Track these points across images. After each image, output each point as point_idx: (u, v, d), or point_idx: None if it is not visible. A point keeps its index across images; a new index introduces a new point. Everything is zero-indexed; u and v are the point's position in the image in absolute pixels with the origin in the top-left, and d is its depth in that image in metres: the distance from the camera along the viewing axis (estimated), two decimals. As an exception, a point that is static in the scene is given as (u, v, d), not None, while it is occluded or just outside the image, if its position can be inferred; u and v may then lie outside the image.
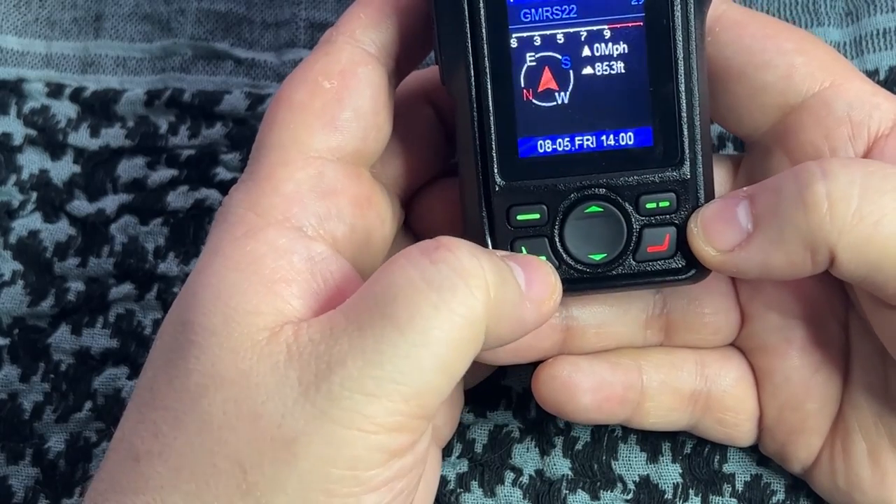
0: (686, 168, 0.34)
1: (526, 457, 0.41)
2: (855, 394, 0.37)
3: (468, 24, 0.33)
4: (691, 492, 0.40)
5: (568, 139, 0.34)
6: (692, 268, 0.34)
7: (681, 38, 0.33)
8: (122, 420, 0.32)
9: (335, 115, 0.34)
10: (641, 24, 0.33)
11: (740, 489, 0.40)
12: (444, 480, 0.41)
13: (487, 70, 0.33)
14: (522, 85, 0.34)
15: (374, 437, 0.29)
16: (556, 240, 0.34)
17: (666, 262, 0.34)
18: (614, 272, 0.34)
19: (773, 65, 0.35)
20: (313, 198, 0.33)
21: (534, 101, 0.34)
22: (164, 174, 0.45)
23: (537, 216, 0.34)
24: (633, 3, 0.33)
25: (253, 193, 0.33)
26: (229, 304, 0.31)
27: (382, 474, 0.30)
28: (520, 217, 0.34)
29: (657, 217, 0.34)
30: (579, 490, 0.40)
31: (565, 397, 0.37)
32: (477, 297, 0.30)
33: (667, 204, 0.34)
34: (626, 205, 0.34)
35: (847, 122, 0.35)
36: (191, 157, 0.45)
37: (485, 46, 0.33)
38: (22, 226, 0.45)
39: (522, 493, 0.40)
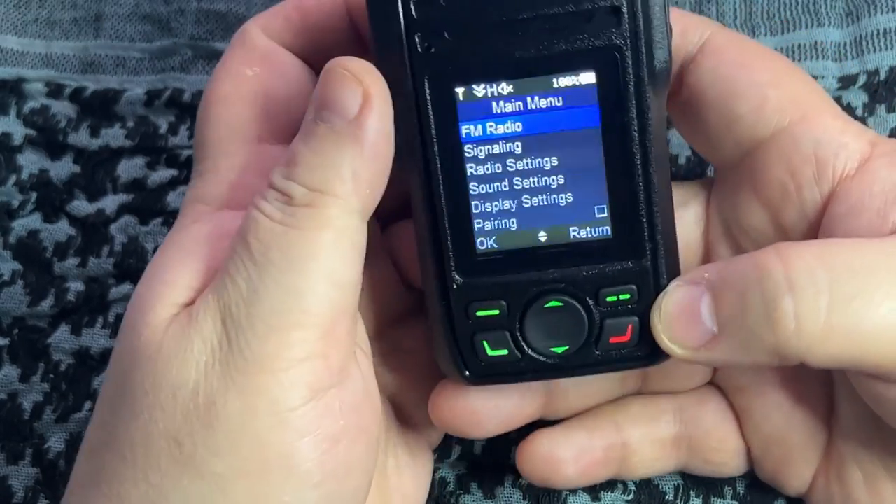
0: (647, 260, 0.33)
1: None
2: (843, 424, 0.36)
3: (418, 124, 0.32)
4: (692, 493, 0.40)
5: (525, 234, 0.33)
6: (654, 353, 0.34)
7: (636, 131, 0.32)
8: None
9: (262, 101, 0.34)
10: (597, 119, 0.32)
11: (742, 492, 0.40)
12: (443, 482, 0.41)
13: (439, 171, 0.33)
14: (477, 183, 0.33)
15: (286, 375, 0.30)
16: (518, 333, 0.34)
17: (629, 351, 0.34)
18: (577, 363, 0.34)
19: (745, 96, 0.34)
20: (257, 179, 0.33)
21: (488, 198, 0.33)
22: (163, 174, 0.45)
23: (496, 312, 0.33)
24: (586, 98, 0.32)
25: (200, 188, 0.34)
26: (152, 281, 0.32)
27: (309, 413, 0.30)
28: (479, 313, 0.33)
29: (619, 308, 0.33)
30: (580, 491, 0.40)
31: (549, 471, 0.37)
32: (316, 206, 0.30)
33: (627, 297, 0.33)
34: (587, 298, 0.33)
35: (813, 160, 0.34)
36: (191, 157, 0.45)
37: (435, 146, 0.32)
38: (22, 226, 0.45)
39: (522, 494, 0.40)
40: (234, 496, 0.30)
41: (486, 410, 0.36)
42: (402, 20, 0.32)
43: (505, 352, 0.34)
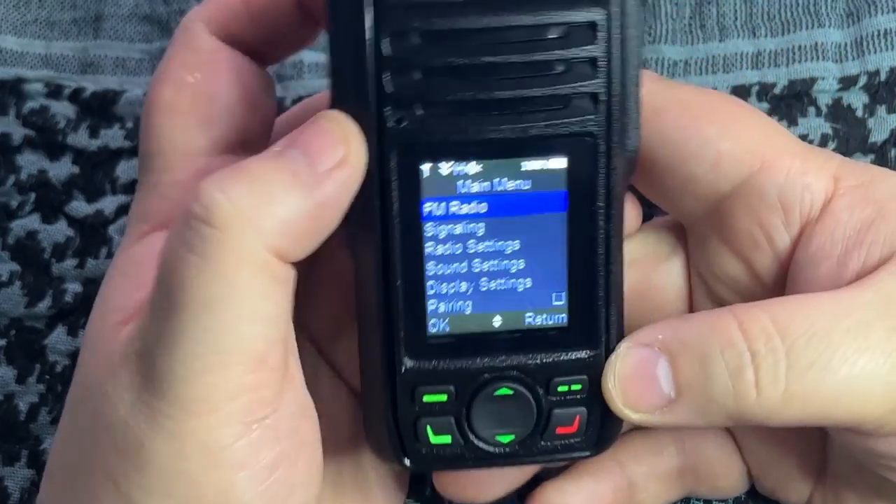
0: (601, 351, 0.32)
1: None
2: (835, 445, 0.36)
3: (380, 196, 0.31)
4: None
5: (480, 319, 0.32)
6: (598, 443, 0.33)
7: (602, 220, 0.31)
8: None
9: (205, 110, 0.32)
10: (564, 205, 0.31)
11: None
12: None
13: (397, 248, 0.31)
14: (434, 263, 0.32)
15: (214, 416, 0.28)
16: (464, 420, 0.32)
17: (575, 442, 0.33)
18: (521, 452, 0.33)
19: (698, 156, 0.34)
20: None
21: (445, 279, 0.32)
22: (162, 175, 0.45)
23: (444, 398, 0.32)
24: (555, 183, 0.31)
25: (143, 203, 0.33)
26: (98, 306, 0.31)
27: (243, 448, 0.29)
28: (426, 398, 0.32)
29: (568, 398, 0.32)
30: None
31: None
32: (235, 235, 0.28)
33: (579, 387, 0.32)
34: (538, 387, 0.32)
35: (778, 207, 0.34)
36: (190, 159, 0.45)
37: (395, 222, 0.31)
38: (20, 226, 0.45)
39: (517, 495, 0.40)
40: None
41: (491, 473, 0.35)
42: (373, 88, 0.30)
43: (448, 439, 0.32)
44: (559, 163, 0.31)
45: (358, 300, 0.33)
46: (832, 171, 0.34)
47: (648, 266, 0.36)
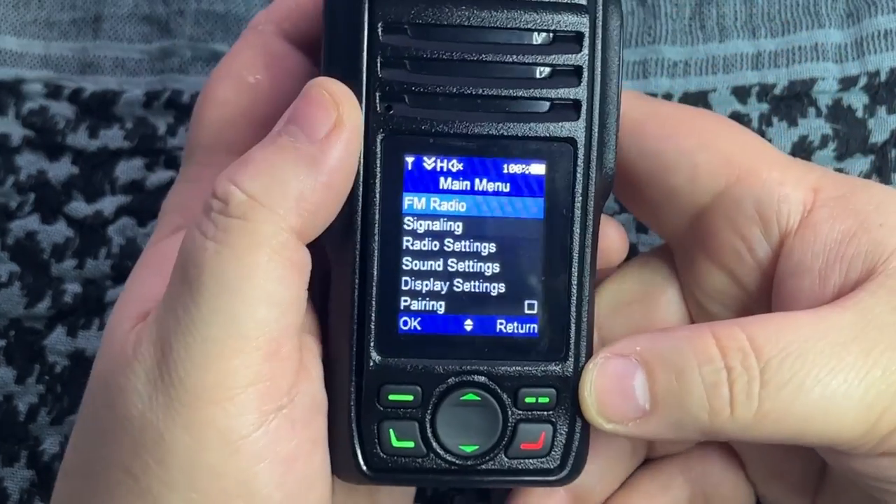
0: (570, 365, 0.32)
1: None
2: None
3: (363, 184, 0.31)
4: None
5: (451, 320, 0.32)
6: (564, 469, 0.33)
7: (578, 231, 0.32)
8: None
9: (262, 111, 0.33)
10: (541, 211, 0.32)
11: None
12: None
13: (375, 239, 0.31)
14: (410, 258, 0.32)
15: (232, 403, 0.29)
16: (428, 425, 0.32)
17: (538, 462, 0.33)
18: (483, 467, 0.32)
19: (676, 168, 0.34)
20: None
21: (420, 276, 0.32)
22: (162, 176, 0.45)
23: (410, 398, 0.32)
24: (534, 188, 0.32)
25: (181, 195, 0.33)
26: (123, 296, 0.31)
27: (262, 439, 0.29)
28: (391, 397, 0.32)
29: (534, 413, 0.32)
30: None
31: None
32: (252, 221, 0.29)
33: (546, 400, 0.32)
34: (505, 396, 0.32)
35: (757, 218, 0.34)
36: (189, 159, 0.45)
37: (375, 211, 0.31)
38: (19, 227, 0.45)
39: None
40: None
41: None
42: (365, 75, 0.31)
43: (411, 444, 0.32)
44: (539, 168, 0.32)
45: (332, 291, 0.33)
46: (811, 183, 0.34)
47: (650, 303, 0.36)
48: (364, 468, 0.32)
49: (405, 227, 0.32)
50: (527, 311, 0.32)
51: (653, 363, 0.31)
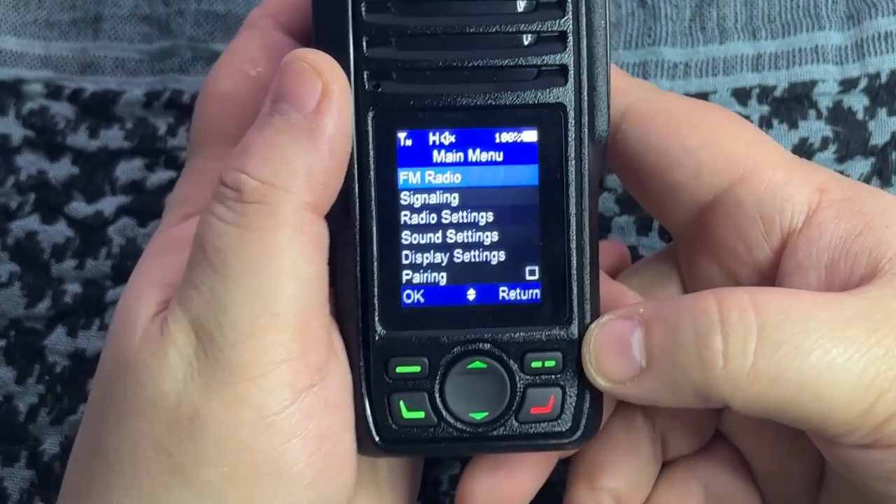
0: (574, 327, 0.32)
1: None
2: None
3: (357, 162, 0.32)
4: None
5: (454, 291, 0.32)
6: (577, 431, 0.33)
7: (574, 195, 0.32)
8: None
9: (263, 104, 0.33)
10: (536, 178, 0.32)
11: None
12: (437, 481, 0.41)
13: (373, 215, 0.32)
14: (409, 232, 0.32)
15: (266, 379, 0.29)
16: (437, 395, 0.32)
17: (549, 425, 0.33)
18: (495, 433, 0.33)
19: (680, 164, 0.34)
20: None
21: (420, 249, 0.32)
22: (162, 176, 0.45)
23: (417, 369, 0.32)
24: (527, 155, 0.32)
25: (188, 187, 0.34)
26: (135, 284, 0.31)
27: (294, 415, 0.30)
28: (399, 369, 0.32)
29: (542, 377, 0.32)
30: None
31: None
32: (269, 204, 0.30)
33: (552, 364, 0.32)
34: (511, 362, 0.32)
35: (758, 220, 0.34)
36: (189, 159, 0.45)
37: (371, 188, 0.32)
38: (20, 227, 0.45)
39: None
40: (227, 502, 0.30)
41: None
42: (352, 55, 0.31)
43: (421, 414, 0.32)
44: (530, 135, 0.32)
45: (336, 269, 0.33)
46: (817, 184, 0.34)
47: (650, 299, 0.36)
48: (378, 440, 0.33)
49: (402, 202, 0.32)
50: (528, 278, 0.32)
51: (651, 321, 0.31)
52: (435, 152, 0.32)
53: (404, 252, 0.32)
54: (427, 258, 0.32)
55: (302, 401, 0.30)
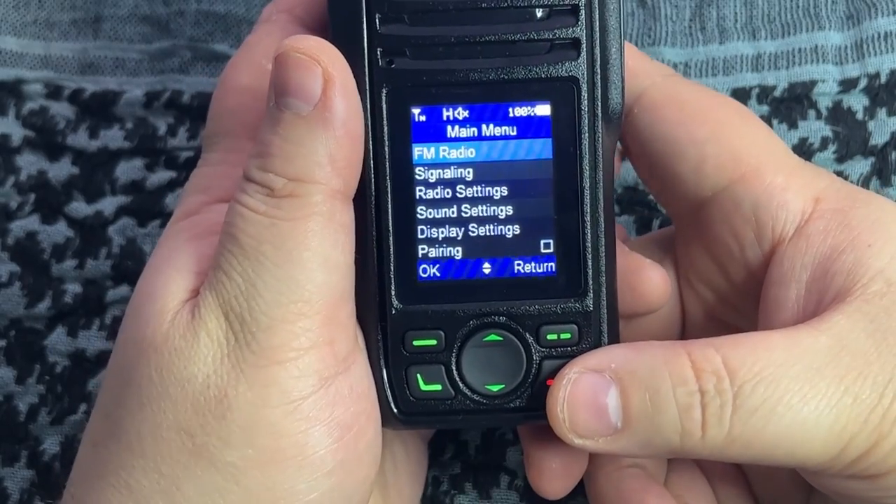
0: (589, 300, 0.33)
1: (521, 459, 0.41)
2: None
3: (372, 138, 0.32)
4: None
5: (469, 264, 0.33)
6: None
7: (588, 168, 0.32)
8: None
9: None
10: (549, 152, 0.32)
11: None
12: (437, 481, 0.41)
13: (388, 191, 0.32)
14: (425, 207, 0.33)
15: (295, 364, 0.30)
16: (454, 367, 0.33)
17: None
18: (511, 405, 0.33)
19: (685, 156, 0.34)
20: None
21: (435, 224, 0.33)
22: (162, 176, 0.45)
23: (434, 342, 0.33)
24: (540, 129, 0.32)
25: (206, 177, 0.34)
26: (159, 272, 0.32)
27: (320, 401, 0.30)
28: (416, 342, 0.33)
29: (557, 349, 0.33)
30: (578, 496, 0.40)
31: None
32: (299, 196, 0.30)
33: (568, 336, 0.33)
34: (527, 335, 0.33)
35: (753, 221, 0.34)
36: (189, 159, 0.45)
37: (387, 164, 0.32)
38: (20, 227, 0.45)
39: (519, 497, 0.40)
40: (248, 485, 0.30)
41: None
42: (365, 33, 0.32)
43: (439, 387, 0.33)
44: (543, 109, 0.32)
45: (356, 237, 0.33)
46: (815, 192, 0.34)
47: None
48: (396, 413, 0.33)
49: (417, 177, 0.32)
50: (543, 251, 0.33)
51: (627, 381, 0.31)
52: (449, 127, 0.32)
53: (420, 227, 0.33)
54: (442, 233, 0.33)
55: (328, 388, 0.30)
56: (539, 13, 0.32)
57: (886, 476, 0.31)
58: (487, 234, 0.33)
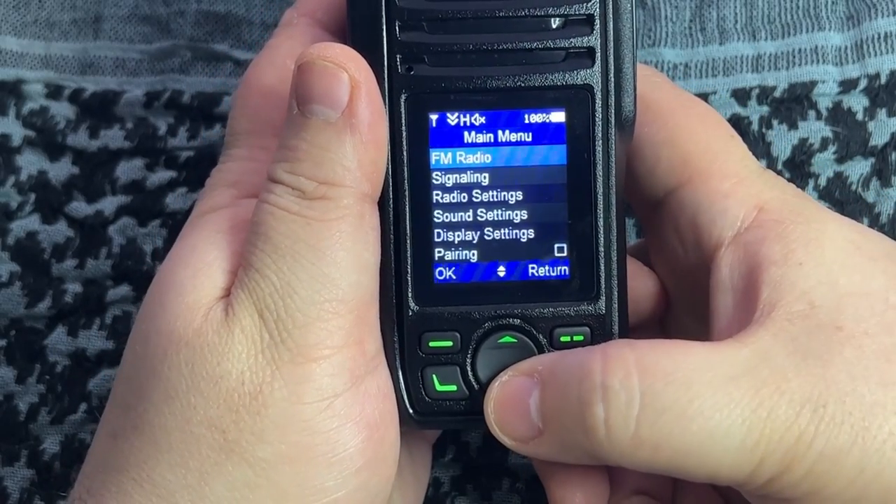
0: (602, 303, 0.33)
1: (522, 461, 0.41)
2: None
3: (389, 143, 0.33)
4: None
5: (485, 267, 0.33)
6: None
7: (601, 174, 0.33)
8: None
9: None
10: (564, 158, 0.33)
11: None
12: (437, 482, 0.41)
13: (406, 195, 0.33)
14: (441, 211, 0.33)
15: (329, 362, 0.30)
16: (469, 369, 0.34)
17: None
18: None
19: (642, 156, 0.35)
20: None
21: (451, 227, 0.33)
22: (162, 176, 0.45)
23: (450, 344, 0.33)
24: (555, 136, 0.33)
25: (234, 173, 0.34)
26: (189, 265, 0.32)
27: (351, 399, 0.31)
28: (432, 344, 0.33)
29: None
30: None
31: None
32: (331, 199, 0.31)
33: (581, 338, 0.33)
34: (541, 337, 0.33)
35: (693, 226, 0.34)
36: (190, 159, 0.45)
37: (404, 169, 0.33)
38: (20, 227, 0.45)
39: (521, 499, 0.40)
40: (279, 480, 0.30)
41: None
42: (385, 40, 0.32)
43: (454, 388, 0.34)
44: (558, 116, 0.33)
45: None
46: (759, 201, 0.33)
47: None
48: (412, 413, 0.34)
49: (434, 181, 0.33)
50: (556, 255, 0.33)
51: (547, 382, 0.32)
52: (466, 133, 0.33)
53: (436, 230, 0.33)
54: (458, 236, 0.33)
55: (358, 386, 0.31)
56: (555, 22, 0.33)
57: (800, 501, 0.30)
58: (502, 237, 0.33)
